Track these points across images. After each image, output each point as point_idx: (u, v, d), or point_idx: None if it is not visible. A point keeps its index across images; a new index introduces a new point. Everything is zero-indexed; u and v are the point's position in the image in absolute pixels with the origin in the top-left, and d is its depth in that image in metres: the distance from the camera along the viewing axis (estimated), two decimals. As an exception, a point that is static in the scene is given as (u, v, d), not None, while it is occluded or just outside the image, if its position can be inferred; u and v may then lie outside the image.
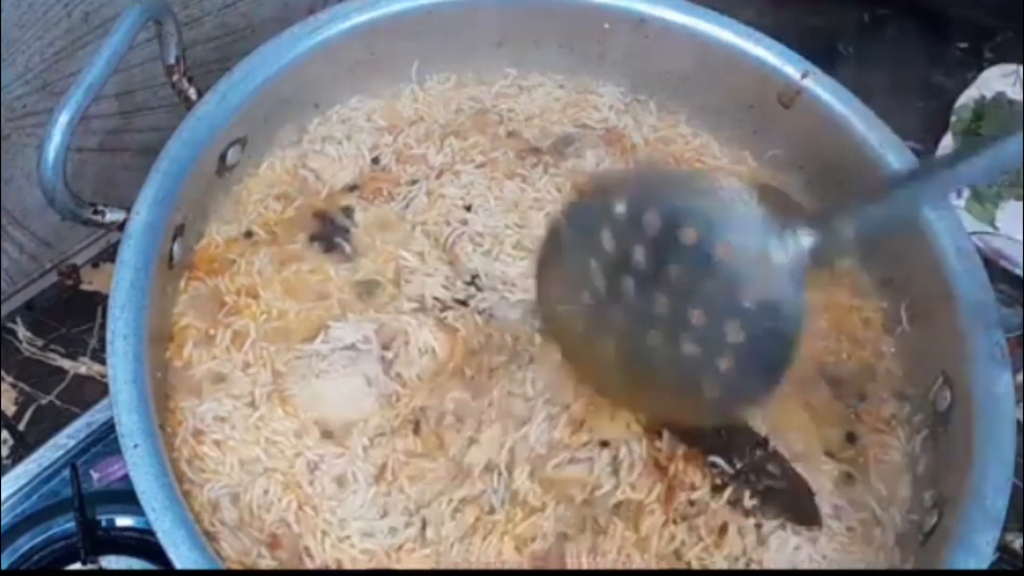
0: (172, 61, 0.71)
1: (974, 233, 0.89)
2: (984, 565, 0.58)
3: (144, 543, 0.74)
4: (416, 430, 0.66)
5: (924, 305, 0.71)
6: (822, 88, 0.76)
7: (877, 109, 0.75)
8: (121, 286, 0.62)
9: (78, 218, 0.66)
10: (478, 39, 0.81)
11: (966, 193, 1.03)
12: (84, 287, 0.92)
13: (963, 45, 1.16)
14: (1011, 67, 1.11)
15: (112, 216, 0.67)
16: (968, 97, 1.09)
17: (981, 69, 1.11)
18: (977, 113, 1.07)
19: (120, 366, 0.60)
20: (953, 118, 1.08)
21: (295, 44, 0.73)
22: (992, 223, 1.01)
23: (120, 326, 0.61)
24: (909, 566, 0.63)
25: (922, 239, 0.70)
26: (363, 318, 0.70)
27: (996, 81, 1.10)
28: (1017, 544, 0.60)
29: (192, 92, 0.71)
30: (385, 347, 0.68)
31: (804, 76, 0.76)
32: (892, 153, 0.73)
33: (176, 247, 0.68)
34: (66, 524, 0.75)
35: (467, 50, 0.81)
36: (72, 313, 0.90)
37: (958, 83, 1.11)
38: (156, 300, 0.65)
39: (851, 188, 0.74)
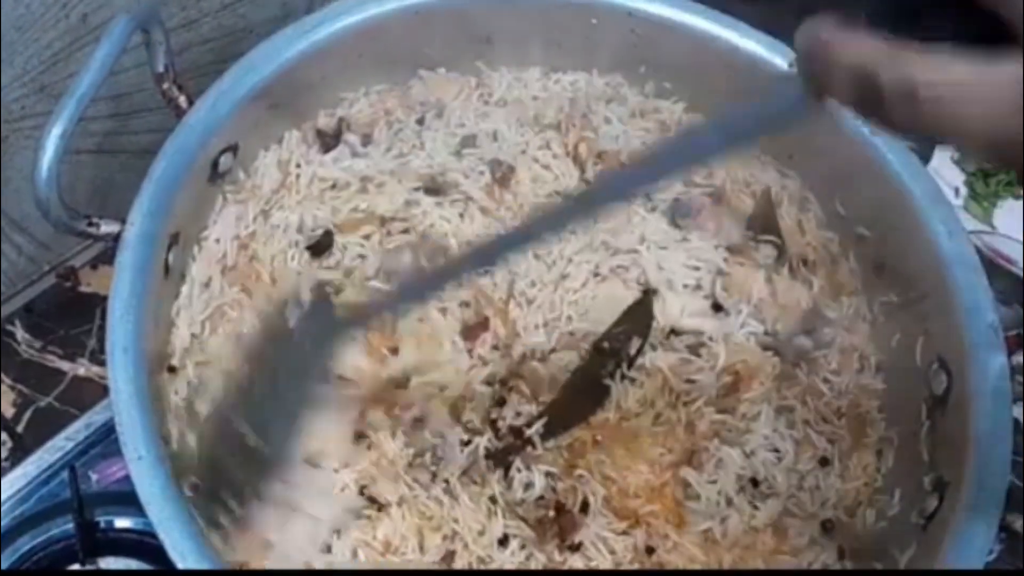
0: (161, 70, 0.70)
1: (972, 232, 0.88)
2: (987, 547, 0.59)
3: (143, 544, 0.75)
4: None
5: (917, 288, 0.72)
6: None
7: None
8: (119, 297, 0.62)
9: (72, 231, 0.66)
10: (470, 37, 0.80)
11: (964, 192, 1.03)
12: (82, 289, 0.91)
13: (963, 44, 1.15)
14: (1011, 66, 1.10)
15: (107, 228, 0.66)
16: (968, 96, 1.08)
17: (981, 69, 1.11)
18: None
19: (121, 378, 0.60)
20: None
21: (286, 47, 0.73)
22: (990, 222, 1.01)
23: (119, 338, 0.61)
24: (911, 551, 0.64)
25: (913, 221, 0.71)
26: None
27: (996, 80, 1.09)
28: (1018, 525, 0.60)
29: (182, 100, 0.71)
30: None
31: (792, 66, 0.76)
32: (891, 152, 0.73)
33: (171, 256, 0.68)
34: (65, 526, 0.75)
35: (460, 48, 0.81)
36: (70, 315, 0.90)
37: (958, 82, 1.10)
38: (154, 310, 0.65)
39: (850, 186, 0.75)
